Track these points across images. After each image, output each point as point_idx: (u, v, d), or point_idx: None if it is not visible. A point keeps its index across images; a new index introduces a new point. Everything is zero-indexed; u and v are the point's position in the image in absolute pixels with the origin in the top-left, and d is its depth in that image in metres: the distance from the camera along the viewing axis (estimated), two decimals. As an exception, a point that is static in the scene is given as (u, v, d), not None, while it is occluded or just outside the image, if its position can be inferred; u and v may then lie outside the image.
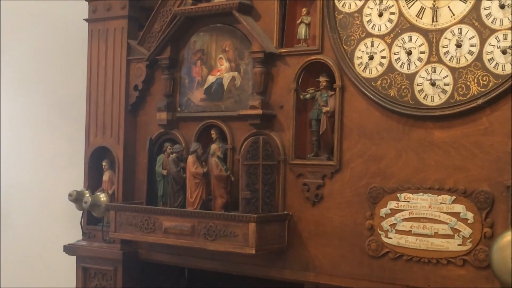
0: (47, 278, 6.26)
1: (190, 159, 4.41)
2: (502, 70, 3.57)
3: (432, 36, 3.78)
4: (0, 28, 6.53)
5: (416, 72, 3.81)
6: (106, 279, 4.95)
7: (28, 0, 6.32)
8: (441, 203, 3.71)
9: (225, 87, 4.50)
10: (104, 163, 5.03)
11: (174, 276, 5.18)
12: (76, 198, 5.00)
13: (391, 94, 3.87)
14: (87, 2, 5.10)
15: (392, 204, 3.85)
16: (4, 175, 6.62)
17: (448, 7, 3.72)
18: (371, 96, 3.92)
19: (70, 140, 6.03)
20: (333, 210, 4.05)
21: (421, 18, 3.81)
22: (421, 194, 3.76)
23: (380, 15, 3.93)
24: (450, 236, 3.68)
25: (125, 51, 4.93)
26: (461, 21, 3.69)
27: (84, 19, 5.14)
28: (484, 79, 3.62)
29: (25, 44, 6.44)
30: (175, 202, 4.49)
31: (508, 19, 3.55)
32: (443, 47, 3.74)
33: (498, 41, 3.59)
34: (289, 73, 4.22)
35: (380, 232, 3.88)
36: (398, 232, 3.83)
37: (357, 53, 4.00)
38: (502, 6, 3.56)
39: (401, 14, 3.87)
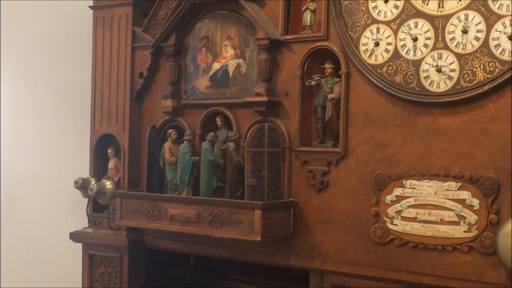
0: (53, 265, 6.29)
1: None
2: (508, 56, 3.56)
3: (438, 22, 3.76)
4: (5, 15, 6.53)
5: (422, 59, 3.80)
6: (112, 266, 4.97)
7: (33, -13, 6.33)
8: (446, 189, 3.71)
9: (230, 74, 4.49)
10: (109, 151, 5.04)
11: (180, 263, 5.20)
12: (82, 185, 5.02)
13: (397, 81, 3.87)
14: (91, -11, 5.11)
15: (398, 191, 3.85)
16: (10, 163, 6.64)
17: (454, -7, 3.71)
18: (377, 83, 3.91)
19: (76, 128, 6.04)
20: (339, 197, 4.06)
21: (427, 4, 3.79)
22: (426, 181, 3.76)
23: (386, 1, 3.91)
24: (456, 223, 3.68)
25: (130, 38, 4.93)
26: (468, 7, 3.68)
27: (88, 6, 5.14)
28: (491, 65, 3.61)
29: (29, 32, 6.44)
30: (236, 192, 4.33)
31: (515, 4, 3.54)
32: (449, 33, 3.73)
33: (505, 27, 3.57)
34: (294, 60, 4.22)
35: (385, 219, 3.89)
36: (404, 219, 3.83)
37: (363, 40, 3.99)
38: (508, -8, 3.54)
39: (407, 0, 3.86)
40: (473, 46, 3.66)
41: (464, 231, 3.66)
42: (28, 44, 6.46)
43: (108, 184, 5.00)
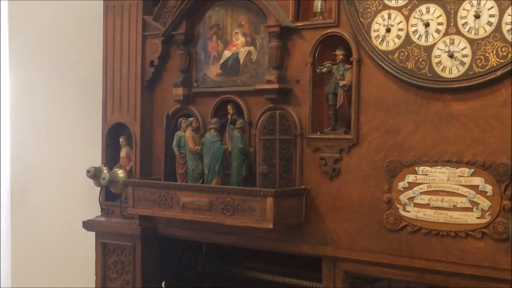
0: (67, 254, 6.33)
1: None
2: (521, 41, 3.54)
3: (450, 7, 3.74)
4: (15, 5, 6.54)
5: (434, 44, 3.78)
6: (125, 254, 4.99)
7: (43, -23, 6.34)
8: (459, 176, 3.69)
9: (241, 62, 4.49)
10: (121, 140, 5.05)
11: (192, 251, 5.22)
12: (94, 174, 5.04)
13: (409, 67, 3.85)
14: (101, -21, 5.10)
15: (410, 178, 3.84)
16: (21, 152, 6.67)
17: (467, -23, 3.69)
18: (388, 69, 3.90)
19: (87, 117, 6.05)
20: (351, 184, 4.05)
21: (439, -11, 3.77)
22: (439, 167, 3.75)
23: (397, -14, 3.90)
24: (469, 209, 3.67)
25: (140, 27, 4.92)
26: (480, -9, 3.65)
27: (99, -4, 5.15)
28: (503, 50, 3.59)
29: (39, 21, 6.45)
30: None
31: (528, -12, 3.51)
32: (462, 18, 3.70)
33: (518, 11, 3.55)
34: (305, 47, 4.20)
35: (398, 205, 3.88)
36: (416, 205, 3.82)
37: (374, 26, 3.97)
38: (521, -24, 3.51)
39: (418, -15, 3.84)
40: (486, 31, 3.63)
41: (477, 217, 3.65)
42: (38, 34, 6.47)
43: (120, 173, 5.01)
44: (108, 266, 5.08)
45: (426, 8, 3.81)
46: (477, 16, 3.65)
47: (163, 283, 5.15)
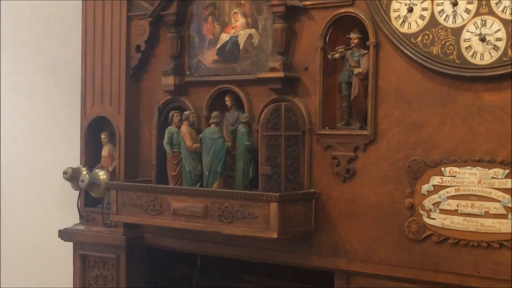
0: (42, 267, 6.32)
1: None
2: None
3: (482, -16, 3.74)
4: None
5: (463, 26, 3.78)
6: (107, 268, 5.00)
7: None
8: (492, 177, 3.69)
9: (241, 47, 4.49)
10: (103, 136, 5.05)
11: (185, 264, 5.22)
12: (72, 176, 5.04)
13: (434, 52, 3.85)
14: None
15: (436, 180, 3.84)
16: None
17: (501, -51, 3.68)
18: (411, 55, 3.89)
19: (64, 110, 6.05)
20: (367, 187, 4.05)
21: (468, -37, 3.77)
22: (469, 167, 3.75)
23: (421, -41, 3.89)
24: (503, 216, 3.67)
25: (125, 6, 4.92)
26: (516, -35, 3.65)
27: (77, -29, 5.15)
28: (543, 33, 3.59)
29: (12, 1, 6.43)
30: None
31: None
32: (495, -4, 3.71)
33: (560, -12, 3.54)
34: (315, 29, 4.20)
35: (421, 212, 3.88)
36: (443, 211, 3.82)
37: (394, 5, 3.97)
38: None
39: (445, -42, 3.83)
40: (523, 10, 3.64)
41: (513, 225, 3.65)
42: (11, 14, 6.44)
43: (102, 174, 5.01)
44: (88, 281, 5.09)
45: (454, -16, 3.81)
46: (512, -6, 3.65)
47: (151, 301, 5.17)
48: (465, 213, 3.76)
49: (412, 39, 3.91)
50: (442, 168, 3.82)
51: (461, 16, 3.78)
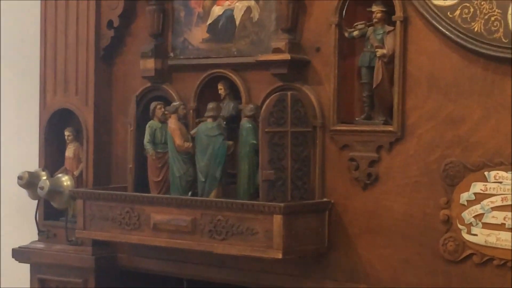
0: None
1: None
2: None
3: None
4: None
5: (512, -3, 3.79)
6: (73, 295, 5.02)
7: None
8: (547, 184, 3.71)
9: (237, 23, 4.50)
10: (67, 133, 5.06)
11: (168, 290, 5.23)
12: (29, 182, 5.04)
13: (475, 29, 3.84)
14: None
15: (478, 187, 3.84)
16: None
17: None
18: (447, 33, 3.89)
19: (18, 100, 6.05)
20: (393, 195, 4.06)
21: None
22: (519, 171, 3.77)
23: None
24: (561, 231, 3.68)
25: (93, -28, 4.95)
26: None
27: None
28: None
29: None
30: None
31: None
32: (551, -41, 3.71)
33: None
34: (328, 1, 4.21)
35: (460, 226, 3.88)
36: (486, 226, 3.82)
37: (426, -29, 3.98)
38: None
39: None
40: None
41: None
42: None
43: (66, 180, 5.02)
44: (49, 311, 5.11)
45: None
46: None
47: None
48: (514, 228, 3.77)
49: (448, 13, 3.91)
50: (486, 173, 3.82)
51: (509, -15, 3.79)
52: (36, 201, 5.15)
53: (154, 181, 4.62)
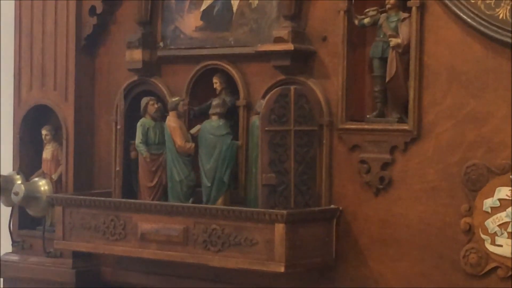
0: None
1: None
2: None
3: None
4: None
5: (541, -20, 3.79)
6: (50, 313, 5.03)
7: None
8: None
9: (235, 9, 4.50)
10: (44, 132, 5.06)
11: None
12: (2, 187, 5.03)
13: (500, 16, 3.85)
14: None
15: (503, 192, 3.84)
16: None
17: None
18: (468, 20, 3.89)
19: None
20: (408, 202, 4.06)
21: None
22: (549, 175, 3.77)
23: None
24: None
25: (73, -47, 4.95)
26: None
27: None
28: None
29: None
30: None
31: None
32: None
33: None
34: (336, -16, 4.22)
35: (483, 236, 3.88)
36: (513, 236, 3.84)
37: (446, -49, 3.98)
38: None
39: None
40: None
41: None
42: None
43: (43, 185, 5.02)
44: (24, 331, 5.12)
45: None
46: None
47: None
48: (543, 238, 3.78)
49: (470, -2, 3.92)
50: (512, 176, 3.83)
51: (538, -34, 3.80)
52: (10, 208, 5.14)
53: (148, 186, 4.62)
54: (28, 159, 5.15)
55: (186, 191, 4.49)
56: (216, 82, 4.52)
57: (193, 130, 4.48)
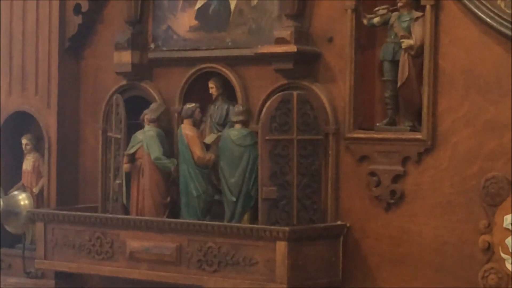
0: None
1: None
2: None
3: None
4: None
5: None
6: (31, 339, 5.02)
7: None
8: None
9: (232, 7, 4.51)
10: (24, 141, 5.07)
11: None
12: (-22, 201, 5.06)
13: (523, 15, 3.86)
14: None
15: (525, 207, 3.85)
16: None
17: None
18: (487, 19, 3.89)
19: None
20: (422, 218, 4.06)
21: None
22: None
23: None
24: None
25: None
26: None
27: None
28: None
29: None
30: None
31: None
32: None
33: None
34: (343, -20, 4.24)
35: (503, 255, 3.88)
36: (535, 255, 3.84)
37: None
38: None
39: None
40: None
41: None
42: None
43: (23, 199, 5.02)
44: None
45: None
46: None
47: None
48: None
49: (489, -4, 3.93)
50: (535, 190, 3.83)
51: None
52: (-13, 224, 5.15)
53: (163, 203, 4.61)
54: (6, 170, 5.16)
55: (204, 207, 4.48)
56: (212, 87, 4.53)
57: (208, 139, 4.43)
